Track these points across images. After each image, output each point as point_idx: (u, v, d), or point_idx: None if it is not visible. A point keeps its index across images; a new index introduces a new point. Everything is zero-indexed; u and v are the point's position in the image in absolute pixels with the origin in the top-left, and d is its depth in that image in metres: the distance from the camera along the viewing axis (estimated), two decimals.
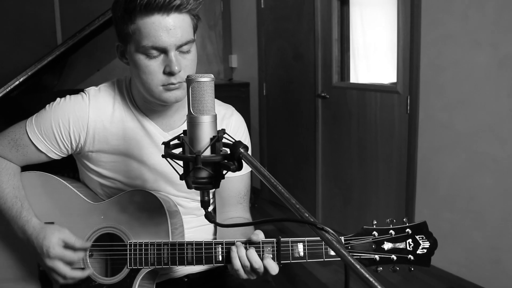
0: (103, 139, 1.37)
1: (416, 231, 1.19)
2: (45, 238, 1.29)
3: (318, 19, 3.92)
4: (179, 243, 1.25)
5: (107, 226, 1.34)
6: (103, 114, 1.37)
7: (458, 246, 3.02)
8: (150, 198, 1.30)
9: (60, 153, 1.39)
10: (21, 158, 1.40)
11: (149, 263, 1.27)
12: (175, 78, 1.24)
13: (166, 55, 1.22)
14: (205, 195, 1.01)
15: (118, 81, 1.43)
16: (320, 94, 3.97)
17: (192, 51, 1.28)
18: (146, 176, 1.40)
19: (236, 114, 1.52)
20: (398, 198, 3.39)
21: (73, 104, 1.37)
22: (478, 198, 2.88)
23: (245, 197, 1.52)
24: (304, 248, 1.19)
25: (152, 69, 1.24)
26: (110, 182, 1.42)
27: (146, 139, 1.38)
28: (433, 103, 3.06)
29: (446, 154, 3.02)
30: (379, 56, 3.83)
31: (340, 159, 3.89)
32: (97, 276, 1.33)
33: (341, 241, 0.81)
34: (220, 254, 1.22)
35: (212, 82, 0.98)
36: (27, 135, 1.36)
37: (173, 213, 1.33)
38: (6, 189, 1.37)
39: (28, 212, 1.34)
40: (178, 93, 1.27)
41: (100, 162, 1.40)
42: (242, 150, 0.93)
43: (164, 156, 0.99)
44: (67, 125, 1.35)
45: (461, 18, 2.82)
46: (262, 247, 1.19)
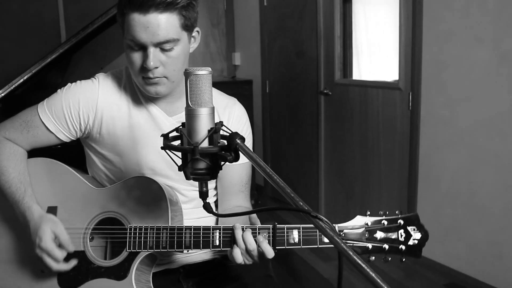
0: (110, 121, 1.42)
1: (408, 222, 1.22)
2: (40, 229, 1.33)
3: (320, 16, 3.94)
4: (178, 228, 1.29)
5: (109, 210, 1.37)
6: (111, 97, 1.43)
7: (460, 241, 3.03)
8: (152, 184, 1.34)
9: (69, 134, 1.45)
10: (31, 140, 1.45)
11: (148, 247, 1.30)
12: (152, 73, 1.31)
13: (145, 52, 1.29)
14: (203, 186, 1.03)
15: (126, 68, 1.48)
16: (323, 91, 3.99)
17: (176, 49, 1.31)
18: (149, 159, 1.44)
19: (239, 105, 1.57)
20: (400, 193, 3.40)
21: (84, 87, 1.43)
22: (479, 193, 2.89)
23: (246, 186, 1.55)
24: (299, 234, 1.22)
25: (134, 60, 1.32)
26: (113, 166, 1.46)
27: (150, 123, 1.44)
28: (435, 100, 3.07)
29: (447, 150, 3.03)
30: (382, 53, 3.85)
31: (342, 156, 3.90)
32: (96, 259, 1.36)
33: (335, 229, 0.83)
34: (217, 238, 1.26)
35: (210, 75, 1.00)
36: (38, 116, 1.42)
37: (174, 202, 1.36)
38: (12, 173, 1.41)
39: (30, 198, 1.39)
40: (159, 88, 1.35)
41: (106, 145, 1.45)
42: (238, 141, 0.94)
43: (163, 147, 1.02)
44: (76, 106, 1.41)
45: (463, 14, 2.83)
46: (258, 232, 1.23)
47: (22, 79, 2.73)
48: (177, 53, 1.32)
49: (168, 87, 1.36)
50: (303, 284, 3.13)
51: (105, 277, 1.34)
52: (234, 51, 5.37)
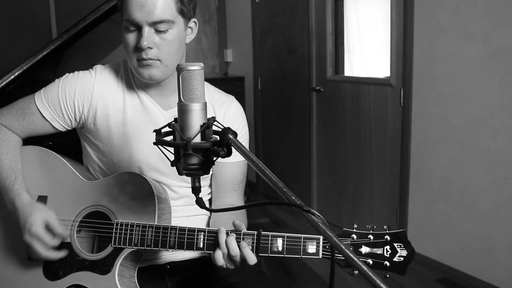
0: (105, 112, 1.43)
1: (395, 239, 1.20)
2: (31, 215, 1.33)
3: (312, 13, 3.94)
4: (164, 227, 1.29)
5: (97, 204, 1.38)
6: (107, 89, 1.43)
7: (451, 237, 3.05)
8: (142, 181, 1.34)
9: (63, 123, 1.45)
10: (26, 127, 1.45)
11: (132, 244, 1.30)
12: (146, 54, 1.31)
13: (139, 32, 1.30)
14: (196, 181, 1.03)
15: (124, 61, 1.49)
16: (315, 87, 3.99)
17: (171, 32, 1.32)
18: (142, 152, 1.44)
19: (236, 103, 1.56)
20: (392, 190, 3.42)
21: (81, 77, 1.44)
22: (470, 189, 2.91)
23: (240, 185, 1.55)
24: (283, 243, 1.22)
25: (129, 42, 1.32)
26: (106, 157, 1.46)
27: (145, 116, 1.44)
28: (426, 96, 3.08)
29: (439, 146, 3.05)
30: (373, 50, 3.86)
31: (334, 152, 3.92)
32: (82, 252, 1.37)
33: (326, 223, 0.83)
34: (201, 241, 1.26)
35: (202, 71, 1.00)
36: (34, 103, 1.43)
37: (162, 199, 1.36)
38: (4, 161, 1.41)
39: (20, 186, 1.39)
40: (152, 71, 1.34)
41: (100, 136, 1.45)
42: (231, 136, 0.95)
43: (155, 143, 1.02)
44: (72, 94, 1.41)
45: (453, 11, 2.84)
46: (242, 238, 1.23)
47: (13, 75, 2.71)
48: (172, 37, 1.32)
49: (162, 71, 1.35)
50: (296, 280, 3.14)
51: (89, 270, 1.35)
52: (226, 48, 5.37)
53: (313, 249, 1.21)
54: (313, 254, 1.21)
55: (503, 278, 2.78)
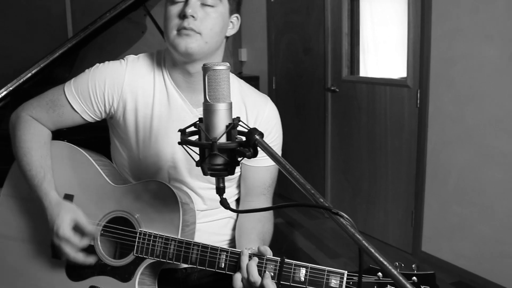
0: (134, 105, 1.39)
1: (423, 281, 1.13)
2: (58, 216, 1.32)
3: (328, 13, 3.93)
4: (186, 242, 1.27)
5: (122, 210, 1.36)
6: (138, 81, 1.39)
7: (466, 239, 3.03)
8: (168, 191, 1.32)
9: (93, 115, 1.42)
10: (56, 119, 1.42)
11: (154, 255, 1.29)
12: (188, 22, 1.26)
13: (186, 2, 1.27)
14: (220, 182, 1.02)
15: (158, 53, 1.45)
16: (330, 87, 3.98)
17: (217, 10, 1.30)
18: (168, 150, 1.41)
19: (271, 104, 1.51)
20: (407, 191, 3.40)
21: (111, 67, 1.40)
22: (486, 191, 2.88)
23: (269, 189, 1.51)
24: (306, 274, 1.18)
25: (172, 14, 1.29)
26: (132, 152, 1.43)
27: (174, 112, 1.40)
28: (443, 97, 3.06)
29: (455, 147, 3.03)
30: (388, 50, 3.84)
31: (349, 153, 3.90)
32: (105, 256, 1.35)
33: (355, 226, 0.82)
34: (223, 261, 1.23)
35: (228, 70, 0.99)
36: (64, 95, 1.39)
37: (188, 209, 1.34)
38: (34, 156, 1.39)
39: (48, 184, 1.37)
40: (190, 42, 1.28)
41: (127, 129, 1.41)
42: (257, 137, 0.94)
43: (180, 143, 1.01)
44: (102, 86, 1.37)
45: (472, 11, 2.82)
46: (265, 263, 1.20)
47: (30, 73, 2.73)
48: (217, 14, 1.30)
49: (200, 46, 1.29)
50: None
51: (110, 276, 1.34)
52: (240, 47, 5.36)
53: (336, 284, 1.16)
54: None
55: None
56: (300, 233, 3.91)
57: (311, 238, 3.80)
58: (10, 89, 2.68)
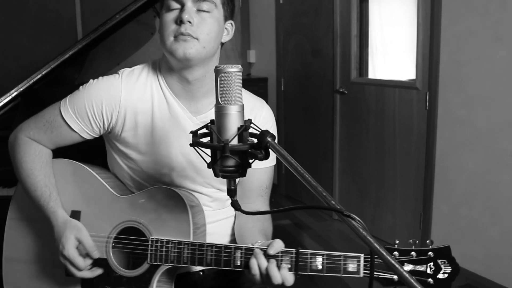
0: (133, 118, 1.39)
1: (439, 255, 1.17)
2: (63, 236, 1.33)
3: (337, 15, 3.93)
4: (200, 244, 1.27)
5: (131, 220, 1.36)
6: (135, 94, 1.39)
7: (475, 242, 3.01)
8: (174, 195, 1.32)
9: (92, 133, 1.42)
10: (55, 140, 1.43)
11: (169, 261, 1.29)
12: (185, 28, 1.28)
13: (182, 8, 1.30)
14: (231, 184, 1.03)
15: (152, 62, 1.45)
16: (339, 89, 3.97)
17: (212, 15, 1.32)
18: (170, 159, 1.41)
19: (267, 107, 1.54)
20: (416, 194, 3.39)
21: (106, 83, 1.39)
22: (496, 194, 2.86)
23: (266, 190, 1.53)
24: (323, 261, 1.19)
25: (168, 21, 1.31)
26: (135, 164, 1.43)
27: (173, 122, 1.40)
28: (453, 99, 3.05)
29: (465, 150, 3.01)
30: (396, 52, 3.83)
31: (357, 155, 3.89)
32: (118, 268, 1.36)
33: (367, 228, 0.82)
34: (239, 259, 1.24)
35: (240, 73, 1.00)
36: (61, 116, 1.39)
37: (196, 212, 1.35)
38: (38, 176, 1.40)
39: (55, 203, 1.38)
40: (187, 48, 1.29)
41: (128, 143, 1.41)
42: (269, 139, 0.94)
43: (192, 144, 1.01)
44: (99, 104, 1.37)
45: (482, 13, 2.80)
46: (281, 257, 1.20)
47: (41, 74, 2.75)
48: (212, 19, 1.32)
49: (198, 50, 1.30)
50: (318, 283, 3.12)
51: (126, 287, 1.34)
52: (249, 49, 5.37)
53: (353, 268, 1.17)
54: (354, 272, 1.18)
55: None
56: (308, 234, 3.91)
57: (319, 239, 3.80)
58: (21, 90, 2.70)
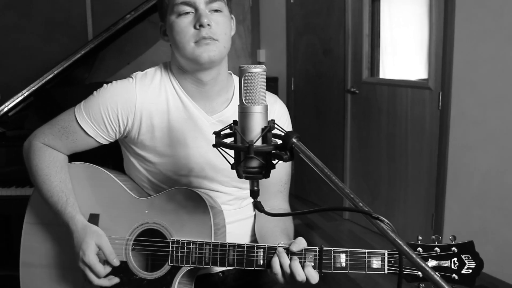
0: (149, 121, 1.38)
1: (462, 250, 1.17)
2: (84, 242, 1.32)
3: (348, 14, 3.91)
4: (221, 244, 1.26)
5: (150, 221, 1.35)
6: (150, 97, 1.38)
7: (489, 243, 2.99)
8: (195, 197, 1.32)
9: (108, 137, 1.41)
10: (70, 146, 1.42)
11: (190, 262, 1.28)
12: (206, 32, 1.28)
13: (197, 12, 1.29)
14: (254, 185, 1.02)
15: (164, 65, 1.45)
16: (350, 89, 3.96)
17: (225, 12, 1.33)
18: (190, 159, 1.40)
19: (280, 102, 1.52)
20: (428, 194, 3.37)
21: (121, 88, 1.39)
22: (509, 195, 2.84)
23: (285, 186, 1.52)
24: (347, 259, 1.19)
25: (184, 26, 1.29)
26: (154, 167, 1.42)
27: (190, 123, 1.39)
28: (466, 100, 3.03)
29: (478, 151, 2.99)
30: (407, 52, 3.81)
31: (368, 155, 3.88)
32: (139, 270, 1.35)
33: (395, 230, 0.82)
34: (261, 258, 1.23)
35: (264, 73, 0.99)
36: (76, 121, 1.38)
37: (217, 213, 1.34)
38: (54, 182, 1.39)
39: (72, 208, 1.37)
40: (211, 50, 1.29)
41: (145, 146, 1.41)
42: (295, 140, 0.94)
43: (215, 145, 1.01)
44: (115, 108, 1.37)
45: (497, 14, 2.78)
46: (304, 255, 1.20)
47: (53, 73, 2.76)
48: (225, 17, 1.33)
49: (220, 51, 1.32)
50: (330, 284, 3.12)
51: None
52: (259, 48, 5.36)
53: (378, 265, 1.17)
54: (378, 269, 1.17)
55: None
56: (318, 234, 3.90)
57: (329, 239, 3.79)
58: (33, 89, 2.71)
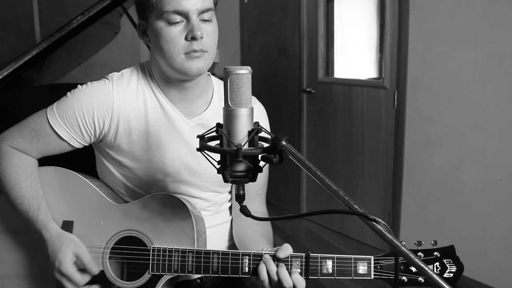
0: (127, 125, 1.33)
1: (444, 255, 1.19)
2: (60, 251, 1.26)
3: (303, 14, 3.93)
4: (205, 252, 1.23)
5: (129, 229, 1.30)
6: (127, 99, 1.33)
7: (445, 238, 3.07)
8: (176, 202, 1.27)
9: (82, 141, 1.34)
10: (41, 149, 1.34)
11: (172, 270, 1.24)
12: (197, 45, 1.22)
13: (188, 22, 1.22)
14: (240, 189, 1.00)
15: (141, 66, 1.39)
16: (306, 89, 3.99)
17: (214, 21, 1.27)
18: (168, 163, 1.36)
19: (258, 104, 1.50)
20: (385, 191, 3.44)
21: (97, 89, 1.32)
22: (464, 191, 2.94)
23: (263, 188, 1.50)
24: (333, 264, 1.19)
25: (174, 36, 1.22)
26: (131, 172, 1.37)
27: (168, 126, 1.35)
28: (421, 98, 3.11)
29: (433, 148, 3.08)
30: (357, 51, 3.88)
31: (325, 154, 3.92)
32: (116, 280, 1.30)
33: (392, 231, 0.82)
34: (246, 265, 1.21)
35: (250, 75, 0.98)
36: (48, 124, 1.31)
37: (198, 219, 1.30)
38: (24, 188, 1.32)
39: (45, 216, 1.30)
40: (200, 64, 1.25)
41: (122, 150, 1.35)
42: (284, 143, 0.93)
43: (199, 149, 0.98)
44: (91, 111, 1.30)
45: (450, 14, 2.87)
46: (290, 261, 1.19)
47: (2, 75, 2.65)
48: (214, 27, 1.28)
49: (208, 63, 1.27)
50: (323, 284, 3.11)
51: None
52: None
53: (364, 270, 1.18)
54: (364, 275, 1.18)
55: (498, 278, 2.82)
56: (277, 234, 3.90)
57: (288, 239, 3.80)
58: None
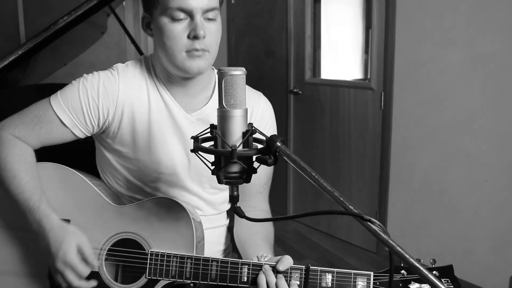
0: (131, 115, 1.33)
1: (442, 274, 1.19)
2: (64, 241, 1.24)
3: (291, 15, 3.95)
4: (204, 259, 1.22)
5: (127, 231, 1.29)
6: (132, 90, 1.33)
7: (430, 237, 3.11)
8: (176, 207, 1.26)
9: (85, 130, 1.33)
10: (43, 137, 1.32)
11: (169, 276, 1.23)
12: (199, 44, 1.22)
13: (192, 20, 1.22)
14: (234, 190, 1.00)
15: (144, 58, 1.39)
16: (293, 90, 4.00)
17: (218, 21, 1.26)
18: (167, 157, 1.36)
19: (264, 99, 1.49)
20: (371, 192, 3.46)
21: (103, 78, 1.32)
22: (450, 191, 2.97)
23: (265, 186, 1.50)
24: (333, 279, 1.18)
25: (176, 33, 1.22)
26: (131, 164, 1.37)
27: (169, 120, 1.35)
28: (407, 99, 3.13)
29: (419, 148, 3.11)
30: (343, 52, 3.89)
31: (312, 155, 3.93)
32: (112, 282, 1.28)
33: (387, 232, 0.83)
34: (245, 275, 1.20)
35: (244, 76, 0.98)
36: (52, 110, 1.30)
37: (198, 225, 1.29)
38: (25, 178, 1.30)
39: (47, 206, 1.28)
40: (201, 63, 1.25)
41: (124, 141, 1.35)
42: (279, 144, 0.93)
43: (193, 150, 0.98)
44: (96, 98, 1.30)
45: (436, 16, 2.90)
46: (290, 273, 1.18)
47: None
48: (218, 26, 1.27)
49: (209, 63, 1.27)
50: None
51: None
52: None
53: (363, 285, 1.17)
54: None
55: (483, 277, 2.85)
56: None
57: (275, 240, 3.76)
58: None
